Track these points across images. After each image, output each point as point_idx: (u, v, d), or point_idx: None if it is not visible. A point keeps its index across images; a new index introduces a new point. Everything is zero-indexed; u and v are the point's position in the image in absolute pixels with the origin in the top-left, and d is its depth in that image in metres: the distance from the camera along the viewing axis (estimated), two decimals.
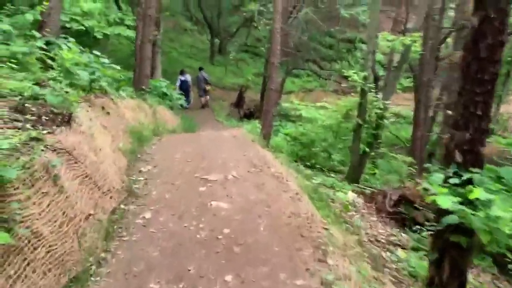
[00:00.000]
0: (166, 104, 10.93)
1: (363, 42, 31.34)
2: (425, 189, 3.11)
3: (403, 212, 6.40)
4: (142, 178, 5.30)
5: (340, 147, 8.76)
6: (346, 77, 29.07)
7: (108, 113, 6.73)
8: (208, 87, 18.49)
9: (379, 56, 30.16)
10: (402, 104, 25.75)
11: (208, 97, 18.96)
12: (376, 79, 10.79)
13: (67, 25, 12.90)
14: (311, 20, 26.46)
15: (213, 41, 26.40)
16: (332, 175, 8.68)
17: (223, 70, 25.17)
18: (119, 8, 18.53)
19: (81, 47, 7.59)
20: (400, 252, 5.24)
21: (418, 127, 12.48)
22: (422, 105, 12.69)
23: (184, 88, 17.16)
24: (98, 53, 7.62)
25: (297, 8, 19.98)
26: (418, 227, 5.92)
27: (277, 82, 7.93)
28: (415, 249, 5.38)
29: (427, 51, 10.31)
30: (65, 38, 8.01)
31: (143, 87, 9.48)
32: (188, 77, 17.64)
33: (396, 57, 13.67)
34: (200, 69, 19.02)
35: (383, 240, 5.46)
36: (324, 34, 30.72)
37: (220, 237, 3.74)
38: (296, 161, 8.32)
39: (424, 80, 12.78)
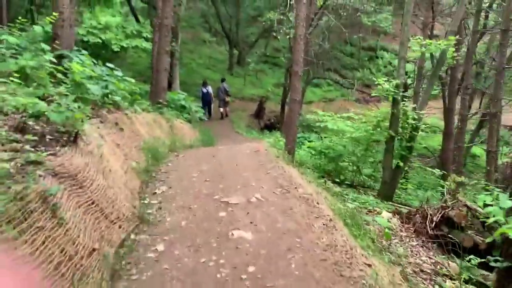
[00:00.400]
0: (184, 117, 10.48)
1: (384, 50, 30.58)
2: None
3: (447, 235, 5.68)
4: (155, 202, 4.77)
5: (371, 161, 8.08)
6: (368, 86, 28.37)
7: (121, 129, 6.27)
8: (227, 98, 18.37)
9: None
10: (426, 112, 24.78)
11: (228, 108, 18.91)
12: (405, 87, 10.11)
13: (84, 39, 12.69)
14: (332, 28, 25.94)
15: (231, 52, 26.09)
16: (362, 190, 8.00)
17: (242, 81, 24.78)
18: (137, 20, 18.36)
19: (94, 60, 7.21)
20: (449, 285, 4.54)
21: (449, 138, 11.68)
22: (453, 114, 11.90)
23: (206, 99, 17.31)
24: (112, 66, 7.22)
25: (318, 16, 19.43)
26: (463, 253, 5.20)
27: (300, 92, 7.35)
28: (466, 281, 4.66)
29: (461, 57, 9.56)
30: (79, 50, 7.66)
31: (160, 100, 9.06)
32: (209, 89, 17.58)
33: (426, 64, 12.92)
34: (222, 80, 18.93)
35: (428, 270, 4.77)
36: (345, 42, 30.12)
37: (244, 277, 3.16)
38: (323, 177, 7.68)
39: (455, 88, 12.00)
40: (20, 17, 6.96)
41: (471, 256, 4.92)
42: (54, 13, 7.43)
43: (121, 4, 21.61)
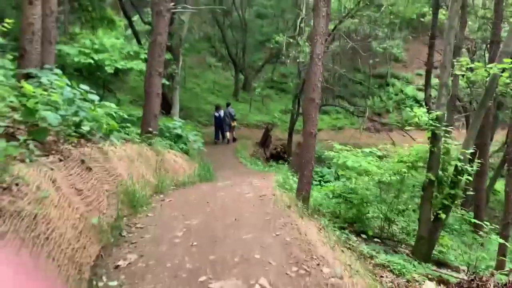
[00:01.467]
0: (180, 147, 9.02)
1: (395, 77, 29.26)
2: None
3: None
4: (114, 284, 3.23)
5: (401, 208, 6.51)
6: (379, 114, 26.93)
7: (89, 168, 4.78)
8: (233, 123, 17.79)
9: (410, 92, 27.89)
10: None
11: (234, 132, 18.30)
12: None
13: (75, 59, 11.41)
14: (342, 53, 24.72)
15: (237, 77, 24.91)
16: (390, 244, 6.40)
17: (248, 106, 23.46)
18: (139, 42, 17.22)
19: (68, 81, 5.79)
20: None
21: (483, 177, 10.09)
22: (487, 150, 10.35)
23: (218, 124, 17.52)
24: (87, 88, 5.81)
25: (329, 40, 18.21)
26: None
27: (317, 124, 5.87)
28: None
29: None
30: (51, 70, 6.27)
31: (150, 129, 7.61)
32: (221, 113, 17.44)
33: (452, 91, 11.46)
34: (228, 104, 18.35)
35: None
36: (354, 69, 28.90)
37: None
38: (343, 228, 6.11)
39: (489, 120, 10.50)
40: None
41: None
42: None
43: (125, 27, 20.62)
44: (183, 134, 9.27)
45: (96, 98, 5.72)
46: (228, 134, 17.68)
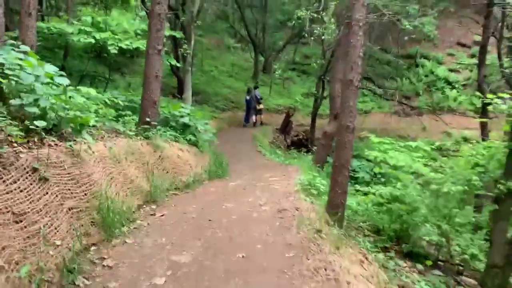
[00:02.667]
0: (187, 140, 7.61)
1: (425, 57, 26.95)
2: None
3: None
4: None
5: (461, 222, 4.93)
6: (407, 97, 24.87)
7: (44, 178, 3.42)
8: (259, 106, 16.91)
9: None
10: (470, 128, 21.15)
11: (262, 115, 17.46)
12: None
13: (74, 38, 10.08)
14: (370, 32, 22.63)
15: (257, 59, 23.21)
16: (449, 267, 4.88)
17: (268, 90, 21.83)
18: None
19: (34, 61, 4.40)
20: None
21: None
22: None
23: (248, 106, 16.90)
24: (55, 69, 4.42)
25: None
26: None
27: (356, 115, 4.30)
28: None
29: None
30: (13, 45, 4.86)
31: (148, 119, 6.20)
32: (253, 95, 16.74)
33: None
34: (255, 87, 17.54)
35: None
36: (380, 49, 26.73)
37: None
38: (386, 248, 4.63)
39: None
40: None
41: None
42: None
43: (140, 7, 19.19)
44: (191, 124, 7.84)
45: (65, 81, 4.32)
46: (254, 117, 16.93)
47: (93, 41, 9.96)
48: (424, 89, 24.11)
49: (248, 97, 16.72)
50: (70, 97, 4.43)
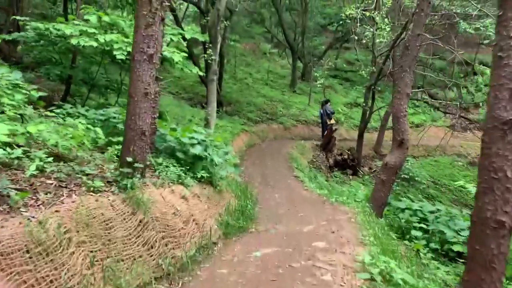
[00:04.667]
0: (198, 178, 5.38)
1: (484, 64, 23.49)
2: None
3: None
4: None
5: None
6: (466, 109, 21.59)
7: None
8: (329, 121, 14.68)
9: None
10: None
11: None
12: None
13: (73, 41, 8.14)
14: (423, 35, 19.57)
15: (295, 65, 20.81)
16: None
17: (307, 99, 19.39)
18: (180, 26, 13.81)
19: None
20: None
21: None
22: None
23: (321, 121, 15.12)
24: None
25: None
26: None
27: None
28: None
29: None
30: None
31: (129, 159, 4.00)
32: (326, 109, 14.81)
33: None
34: (326, 102, 15.24)
35: None
36: (433, 54, 23.56)
37: None
38: None
39: None
40: None
41: None
42: None
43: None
44: (205, 155, 5.62)
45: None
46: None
47: (95, 44, 7.98)
48: (484, 100, 20.79)
49: (321, 111, 14.94)
50: None
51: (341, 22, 13.61)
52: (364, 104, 13.41)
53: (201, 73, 9.40)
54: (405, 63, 6.59)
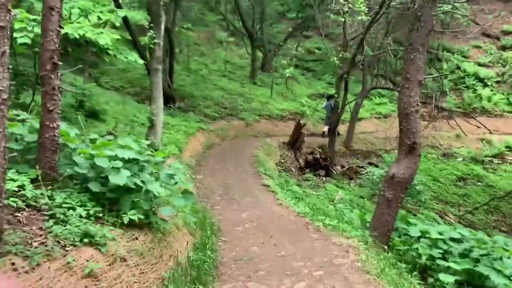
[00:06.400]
0: (126, 221, 3.27)
1: (447, 50, 22.59)
2: None
3: None
4: None
5: None
6: (431, 97, 20.60)
7: None
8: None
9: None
10: None
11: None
12: None
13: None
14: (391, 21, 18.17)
15: (255, 55, 18.76)
16: None
17: (268, 91, 17.45)
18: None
19: None
20: None
21: None
22: None
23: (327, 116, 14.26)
24: None
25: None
26: None
27: None
28: None
29: None
30: None
31: None
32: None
33: None
34: (331, 97, 13.64)
35: None
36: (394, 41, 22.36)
37: None
38: None
39: None
40: None
41: None
42: None
43: None
44: (136, 182, 3.49)
45: None
46: (325, 127, 13.98)
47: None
48: (451, 87, 19.88)
49: (330, 104, 13.71)
50: None
51: (300, 8, 11.64)
52: (336, 95, 11.64)
53: (141, 62, 7.16)
54: (416, 40, 4.78)
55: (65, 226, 2.89)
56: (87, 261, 2.67)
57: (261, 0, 19.37)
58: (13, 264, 2.26)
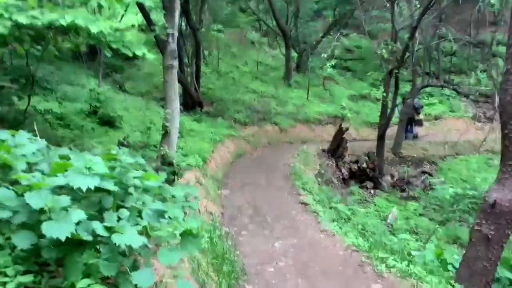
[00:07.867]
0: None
1: (502, 45, 20.02)
2: None
3: None
4: None
5: None
6: (487, 96, 18.16)
7: None
8: (417, 117, 13.37)
9: None
10: None
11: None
12: None
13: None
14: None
15: (289, 55, 17.19)
16: None
17: (304, 93, 15.83)
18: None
19: None
20: None
21: None
22: None
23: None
24: None
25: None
26: None
27: None
28: None
29: None
30: None
31: None
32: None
33: None
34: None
35: None
36: (440, 37, 20.05)
37: None
38: None
39: None
40: None
41: None
42: None
43: None
44: (100, 231, 2.10)
45: None
46: (414, 128, 13.74)
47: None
48: None
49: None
50: None
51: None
52: (384, 95, 9.87)
53: (151, 56, 5.80)
54: None
55: None
56: None
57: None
58: None
